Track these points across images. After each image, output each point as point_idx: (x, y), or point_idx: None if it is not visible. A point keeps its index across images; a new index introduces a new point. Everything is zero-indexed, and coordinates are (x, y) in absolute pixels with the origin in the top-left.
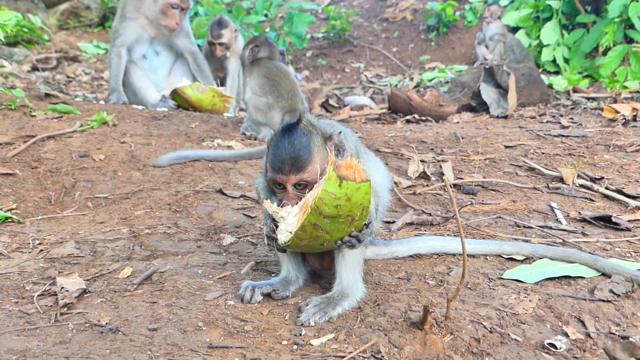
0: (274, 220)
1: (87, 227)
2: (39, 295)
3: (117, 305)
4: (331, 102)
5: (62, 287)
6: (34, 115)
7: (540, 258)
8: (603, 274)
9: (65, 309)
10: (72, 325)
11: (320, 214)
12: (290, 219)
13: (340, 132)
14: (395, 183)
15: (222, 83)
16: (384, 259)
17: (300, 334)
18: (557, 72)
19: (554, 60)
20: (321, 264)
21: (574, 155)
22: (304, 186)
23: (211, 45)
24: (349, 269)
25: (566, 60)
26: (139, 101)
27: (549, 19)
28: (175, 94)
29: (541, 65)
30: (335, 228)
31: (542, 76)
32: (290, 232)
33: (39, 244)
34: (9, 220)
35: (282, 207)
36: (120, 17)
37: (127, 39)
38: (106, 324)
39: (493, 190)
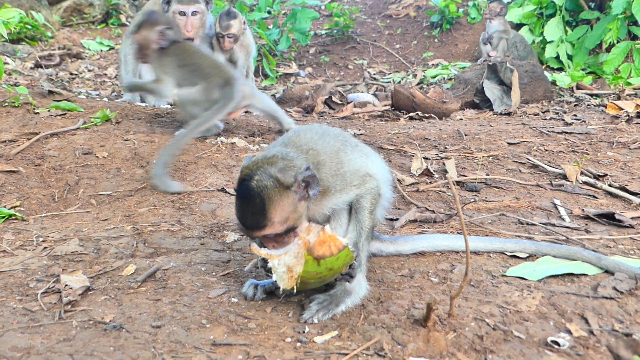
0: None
1: (90, 225)
2: (42, 293)
3: (120, 302)
4: (334, 98)
5: (66, 285)
6: (38, 113)
7: (544, 256)
8: (606, 272)
9: (69, 306)
10: (76, 322)
11: (306, 282)
12: (281, 270)
13: (307, 167)
14: (399, 180)
15: None
16: (388, 255)
17: (304, 332)
18: (560, 69)
19: (557, 57)
20: None
21: (578, 152)
22: (280, 234)
23: (219, 37)
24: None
25: (570, 57)
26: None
27: (552, 15)
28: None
29: (544, 62)
30: (325, 280)
31: (546, 73)
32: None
33: (43, 241)
34: (13, 217)
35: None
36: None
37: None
38: (110, 321)
39: (496, 187)
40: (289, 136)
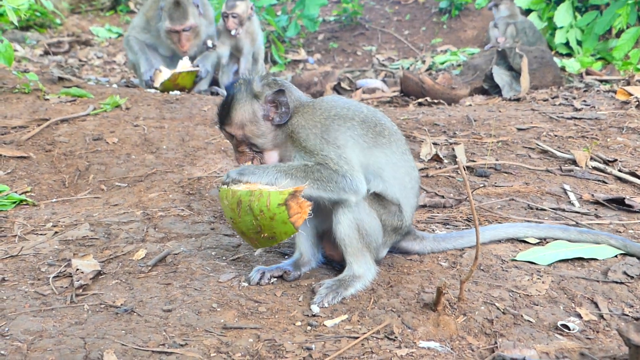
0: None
1: (101, 210)
2: (54, 277)
3: (131, 286)
4: (343, 85)
5: (77, 269)
6: (48, 99)
7: (574, 241)
8: (628, 255)
9: (81, 290)
10: (88, 306)
11: (249, 204)
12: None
13: (280, 91)
14: None
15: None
16: (444, 250)
17: (314, 315)
18: (569, 55)
19: (566, 43)
20: (332, 252)
21: (587, 138)
22: (243, 141)
23: (224, 16)
24: (354, 253)
25: (579, 43)
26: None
27: (561, 0)
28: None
29: (554, 47)
30: (248, 224)
31: (555, 59)
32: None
33: (54, 226)
34: (24, 202)
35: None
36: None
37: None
38: (121, 305)
39: (506, 172)
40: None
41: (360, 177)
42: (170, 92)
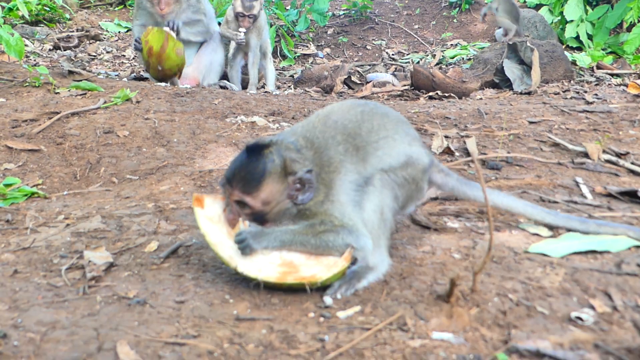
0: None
1: (112, 202)
2: (66, 269)
3: (144, 278)
4: (353, 79)
5: (90, 261)
6: (58, 92)
7: (594, 233)
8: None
9: (93, 282)
10: (100, 297)
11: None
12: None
13: (309, 170)
14: None
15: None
16: (463, 196)
17: (327, 307)
18: (580, 49)
19: (577, 37)
20: None
21: (599, 131)
22: (251, 213)
23: (239, 16)
24: (376, 241)
25: (590, 37)
26: None
27: None
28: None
29: (564, 41)
30: None
31: (566, 53)
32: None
33: (65, 218)
34: (36, 195)
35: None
36: (136, 4)
37: (144, 22)
38: (134, 296)
39: (517, 165)
40: (312, 121)
41: (363, 231)
42: (181, 86)
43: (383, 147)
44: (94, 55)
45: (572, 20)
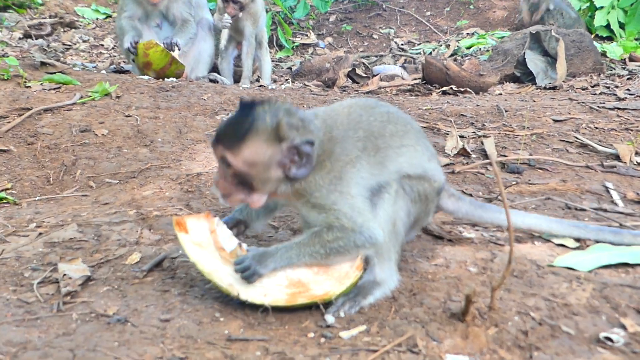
0: None
1: (89, 209)
2: (39, 283)
3: (125, 293)
4: (358, 71)
5: (65, 274)
6: (29, 86)
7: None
8: None
9: (69, 297)
10: (76, 315)
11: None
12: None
13: (310, 142)
14: None
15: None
16: (479, 220)
17: (328, 326)
18: (610, 38)
19: (607, 26)
20: None
21: (632, 130)
22: (235, 175)
23: (224, 2)
24: (381, 255)
25: (621, 26)
26: None
27: None
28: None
29: (593, 31)
30: None
31: (595, 43)
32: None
33: (38, 227)
34: (4, 201)
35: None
36: None
37: (133, 14)
38: (113, 314)
39: (541, 168)
40: (336, 109)
41: (374, 225)
42: (166, 79)
43: (405, 154)
44: (69, 45)
45: (602, 7)
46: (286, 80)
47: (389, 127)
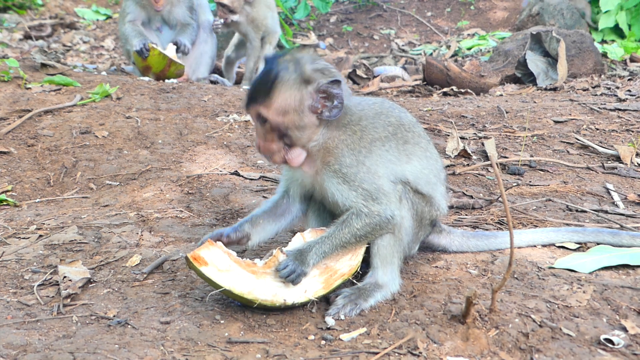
0: None
1: (90, 211)
2: (39, 285)
3: (125, 296)
4: (359, 72)
5: (65, 277)
6: (30, 88)
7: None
8: None
9: (69, 300)
10: (77, 317)
11: None
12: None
13: (337, 81)
14: None
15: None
16: (474, 250)
17: (329, 328)
18: (613, 41)
19: (612, 28)
20: None
21: (632, 132)
22: (276, 130)
23: (217, 6)
24: (384, 258)
25: (628, 27)
26: None
27: None
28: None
29: (601, 33)
30: None
31: (596, 44)
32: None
33: (38, 229)
34: (4, 203)
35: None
36: None
37: (135, 17)
38: (114, 316)
39: (542, 170)
40: (368, 98)
41: (395, 205)
42: (167, 80)
43: (429, 159)
44: (70, 46)
45: (606, 11)
46: None
47: (418, 128)
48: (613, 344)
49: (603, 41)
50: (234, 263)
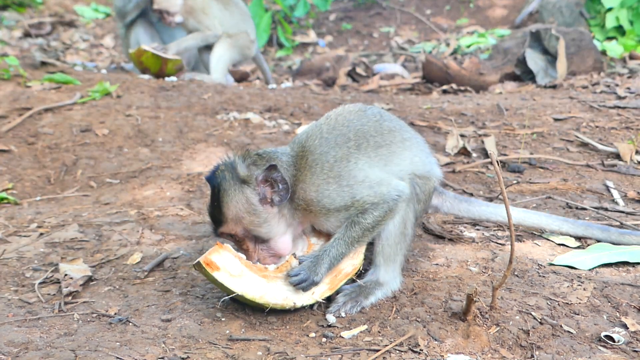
0: None
1: (90, 209)
2: (40, 283)
3: (126, 294)
4: (358, 70)
5: (66, 274)
6: (30, 86)
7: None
8: None
9: (70, 297)
10: (78, 315)
11: None
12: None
13: (270, 166)
14: None
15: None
16: (464, 215)
17: (330, 326)
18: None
19: (618, 27)
20: None
21: (632, 129)
22: (247, 237)
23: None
24: (388, 256)
25: (631, 23)
26: None
27: None
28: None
29: (607, 31)
30: None
31: (595, 42)
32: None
33: (39, 227)
34: (5, 201)
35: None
36: None
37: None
38: (115, 314)
39: (541, 167)
40: (320, 124)
41: (396, 182)
42: (167, 78)
43: (410, 148)
44: (69, 44)
45: (610, 8)
46: (286, 79)
47: (385, 124)
48: (613, 341)
49: (608, 38)
50: (245, 267)
